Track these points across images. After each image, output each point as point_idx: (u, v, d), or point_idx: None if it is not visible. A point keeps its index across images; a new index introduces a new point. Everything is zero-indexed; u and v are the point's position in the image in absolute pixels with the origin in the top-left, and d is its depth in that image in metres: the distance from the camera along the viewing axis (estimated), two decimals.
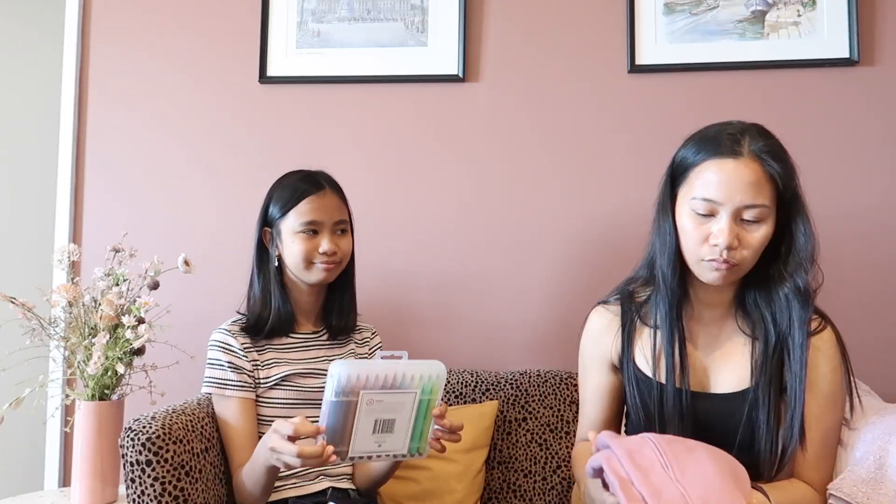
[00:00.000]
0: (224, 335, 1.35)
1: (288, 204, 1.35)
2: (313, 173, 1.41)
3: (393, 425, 1.07)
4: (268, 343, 1.38)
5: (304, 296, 1.41)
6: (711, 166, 1.06)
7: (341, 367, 1.02)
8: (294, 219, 1.34)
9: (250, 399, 1.34)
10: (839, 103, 1.71)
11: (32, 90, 2.05)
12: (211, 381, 1.34)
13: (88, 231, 1.92)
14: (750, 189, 1.03)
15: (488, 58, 1.82)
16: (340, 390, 1.02)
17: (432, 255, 1.81)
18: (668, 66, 1.75)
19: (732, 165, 1.04)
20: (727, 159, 1.05)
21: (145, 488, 1.18)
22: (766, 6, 1.73)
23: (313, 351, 1.41)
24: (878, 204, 1.68)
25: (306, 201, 1.34)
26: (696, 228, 1.07)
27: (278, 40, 1.87)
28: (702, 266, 1.08)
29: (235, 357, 1.34)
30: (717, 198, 1.04)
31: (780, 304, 1.10)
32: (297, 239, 1.34)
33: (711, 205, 1.05)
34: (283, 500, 1.30)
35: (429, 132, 1.84)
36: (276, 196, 1.39)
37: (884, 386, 1.54)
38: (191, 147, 1.90)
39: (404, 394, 1.06)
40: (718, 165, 1.05)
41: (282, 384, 1.35)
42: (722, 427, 1.06)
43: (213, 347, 1.36)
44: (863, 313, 1.66)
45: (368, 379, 1.03)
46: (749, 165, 1.04)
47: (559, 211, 1.79)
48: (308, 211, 1.34)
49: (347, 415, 1.04)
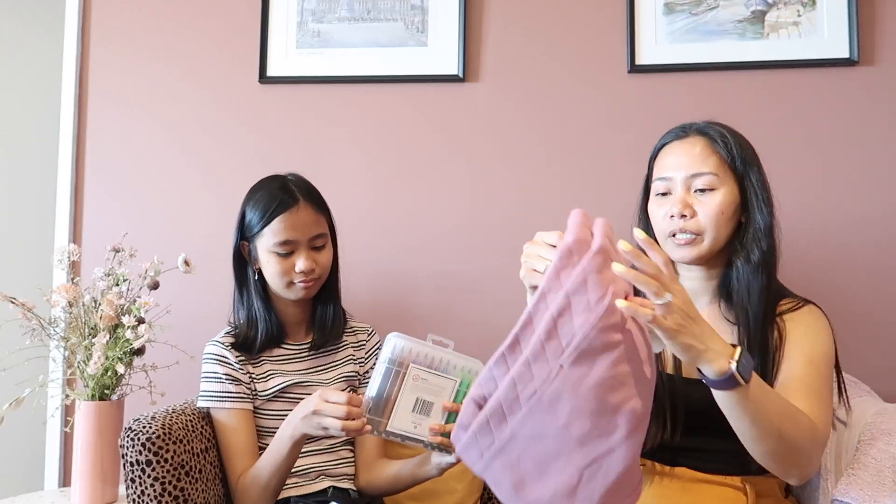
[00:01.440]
0: (219, 348, 1.34)
1: (262, 220, 1.31)
2: (287, 183, 1.35)
3: (431, 409, 1.14)
4: (262, 356, 1.37)
5: (290, 307, 1.39)
6: (664, 151, 1.20)
7: (398, 337, 1.12)
8: (268, 237, 1.30)
9: (249, 410, 1.33)
10: (839, 103, 1.71)
11: (32, 90, 2.05)
12: (208, 394, 1.33)
13: (88, 231, 1.92)
14: (696, 160, 1.13)
15: (488, 58, 1.82)
16: (395, 358, 1.12)
17: (432, 255, 1.81)
18: (668, 66, 1.75)
19: (678, 144, 1.17)
20: (675, 141, 1.18)
21: (145, 488, 1.18)
22: (766, 6, 1.73)
23: (309, 360, 1.41)
24: (877, 204, 1.68)
25: (279, 220, 1.29)
26: (659, 208, 1.17)
27: (278, 40, 1.87)
28: (669, 244, 1.15)
29: (231, 370, 1.33)
30: (668, 174, 1.15)
31: (741, 280, 1.12)
32: (272, 258, 1.30)
33: (666, 183, 1.16)
34: (285, 499, 1.30)
35: (429, 132, 1.84)
36: (249, 208, 1.34)
37: (884, 386, 1.54)
38: (191, 147, 1.90)
39: (446, 379, 1.14)
40: (669, 148, 1.19)
41: (281, 396, 1.35)
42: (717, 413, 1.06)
43: (208, 360, 1.34)
44: (862, 313, 1.66)
45: (420, 355, 1.13)
46: (693, 140, 1.16)
47: (559, 211, 1.78)
48: (281, 230, 1.29)
49: (394, 385, 1.12)
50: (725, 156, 1.13)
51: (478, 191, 1.81)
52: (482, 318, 1.78)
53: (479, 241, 1.80)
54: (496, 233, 1.80)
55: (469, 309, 1.79)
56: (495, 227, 1.80)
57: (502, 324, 1.81)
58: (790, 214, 1.68)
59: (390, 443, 1.48)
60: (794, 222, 1.68)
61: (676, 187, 1.14)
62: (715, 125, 1.18)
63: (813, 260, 1.66)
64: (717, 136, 1.15)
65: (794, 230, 1.64)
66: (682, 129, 1.19)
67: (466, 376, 1.15)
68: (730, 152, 1.13)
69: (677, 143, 1.17)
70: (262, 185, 1.38)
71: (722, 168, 1.13)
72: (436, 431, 1.14)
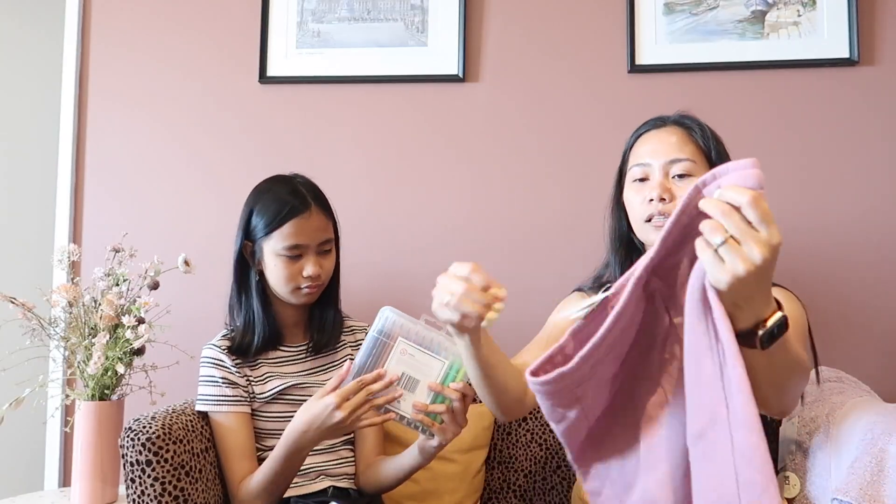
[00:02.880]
0: (215, 351, 1.33)
1: (271, 224, 1.29)
2: (298, 187, 1.33)
3: (416, 386, 1.15)
4: (259, 358, 1.36)
5: (288, 310, 1.38)
6: (641, 141, 1.22)
7: (390, 311, 1.15)
8: (277, 241, 1.28)
9: (247, 413, 1.33)
10: (839, 103, 1.71)
11: (32, 90, 2.05)
12: (206, 398, 1.32)
13: (88, 231, 1.92)
14: (673, 147, 1.17)
15: (488, 58, 1.82)
16: (383, 329, 1.14)
17: (432, 255, 1.81)
18: (668, 66, 1.75)
19: (655, 133, 1.21)
20: (652, 131, 1.22)
21: (145, 488, 1.18)
22: (766, 6, 1.73)
23: (308, 362, 1.40)
24: (877, 204, 1.68)
25: (291, 224, 1.28)
26: (636, 194, 1.19)
27: (278, 40, 1.87)
28: (646, 228, 1.17)
29: (228, 373, 1.32)
30: (646, 159, 1.18)
31: None
32: (279, 261, 1.29)
33: (644, 168, 1.18)
34: (285, 499, 1.30)
35: (428, 132, 1.84)
36: (258, 209, 1.32)
37: (884, 386, 1.54)
38: (191, 147, 1.90)
39: (434, 358, 1.15)
40: (646, 137, 1.22)
41: (280, 398, 1.34)
42: None
43: (205, 364, 1.33)
44: (862, 313, 1.65)
45: (410, 331, 1.15)
46: (671, 129, 1.20)
47: (559, 211, 1.79)
48: (292, 234, 1.28)
49: (381, 356, 1.14)
50: (702, 144, 1.17)
51: (477, 191, 1.81)
52: None
53: (479, 241, 1.80)
54: (496, 233, 1.80)
55: None
56: (495, 227, 1.80)
57: (502, 323, 1.82)
58: (790, 214, 1.69)
59: (390, 441, 1.49)
60: (794, 222, 1.68)
61: (654, 173, 1.17)
62: (689, 117, 1.22)
63: (812, 259, 1.66)
64: (694, 126, 1.19)
65: (794, 230, 1.64)
66: (658, 120, 1.23)
67: (457, 360, 1.14)
68: (706, 142, 1.17)
69: (654, 132, 1.21)
70: (269, 186, 1.36)
71: (699, 156, 1.17)
72: (419, 409, 1.14)
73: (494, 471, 1.59)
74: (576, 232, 1.77)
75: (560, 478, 1.57)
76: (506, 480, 1.58)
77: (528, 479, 1.58)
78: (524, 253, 1.79)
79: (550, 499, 1.56)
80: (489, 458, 1.59)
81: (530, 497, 1.57)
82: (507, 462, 1.59)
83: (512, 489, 1.57)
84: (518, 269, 1.79)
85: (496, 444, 1.60)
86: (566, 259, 1.77)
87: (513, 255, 1.80)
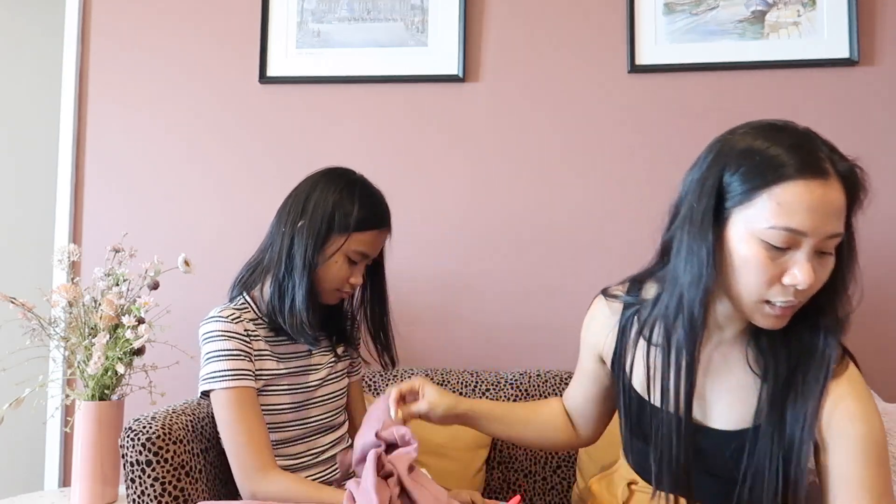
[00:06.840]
0: (223, 323, 1.23)
1: (352, 226, 1.25)
2: (384, 206, 1.33)
3: None
4: (261, 334, 1.28)
5: (317, 304, 1.29)
6: (793, 189, 0.85)
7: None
8: (353, 243, 1.26)
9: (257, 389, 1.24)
10: (839, 103, 1.71)
11: (32, 90, 2.05)
12: (218, 374, 1.18)
13: (88, 231, 1.92)
14: (833, 217, 0.86)
15: (488, 58, 1.82)
16: None
17: (432, 255, 1.81)
18: (668, 66, 1.75)
19: (821, 190, 0.85)
20: (813, 181, 0.85)
21: (145, 488, 1.18)
22: (766, 6, 1.73)
23: (301, 360, 1.33)
24: (877, 204, 1.67)
25: (371, 233, 1.28)
26: (768, 264, 0.86)
27: (278, 40, 1.87)
28: (760, 309, 0.89)
29: (243, 344, 1.23)
30: (804, 227, 0.84)
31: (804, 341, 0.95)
32: (338, 261, 1.26)
33: (795, 236, 0.85)
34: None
35: (429, 132, 1.84)
36: (341, 209, 1.26)
37: (884, 386, 1.54)
38: (191, 147, 1.90)
39: None
40: (803, 188, 0.85)
41: (265, 389, 1.26)
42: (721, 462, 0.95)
43: (212, 338, 1.21)
44: (862, 314, 1.64)
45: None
46: (835, 186, 0.87)
47: (559, 211, 1.79)
48: (365, 242, 1.27)
49: None
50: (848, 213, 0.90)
51: (478, 191, 1.81)
52: (482, 317, 1.79)
53: (480, 241, 1.80)
54: (496, 232, 1.80)
55: (469, 309, 1.79)
56: (495, 227, 1.80)
57: (502, 323, 1.82)
58: None
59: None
60: None
61: (805, 248, 0.86)
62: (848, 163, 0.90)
63: None
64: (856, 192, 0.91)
65: None
66: (819, 166, 0.86)
67: None
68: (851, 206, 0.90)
69: (817, 186, 0.85)
70: (353, 188, 1.31)
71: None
72: None
73: (494, 471, 1.59)
74: (576, 231, 1.77)
75: (560, 478, 1.57)
76: (506, 480, 1.58)
77: (528, 479, 1.58)
78: (524, 253, 1.79)
79: (550, 499, 1.56)
80: (489, 458, 1.59)
81: (530, 497, 1.57)
82: (507, 462, 1.59)
83: (512, 489, 1.57)
84: (518, 269, 1.79)
85: (496, 444, 1.60)
86: (566, 259, 1.77)
87: (513, 255, 1.80)
